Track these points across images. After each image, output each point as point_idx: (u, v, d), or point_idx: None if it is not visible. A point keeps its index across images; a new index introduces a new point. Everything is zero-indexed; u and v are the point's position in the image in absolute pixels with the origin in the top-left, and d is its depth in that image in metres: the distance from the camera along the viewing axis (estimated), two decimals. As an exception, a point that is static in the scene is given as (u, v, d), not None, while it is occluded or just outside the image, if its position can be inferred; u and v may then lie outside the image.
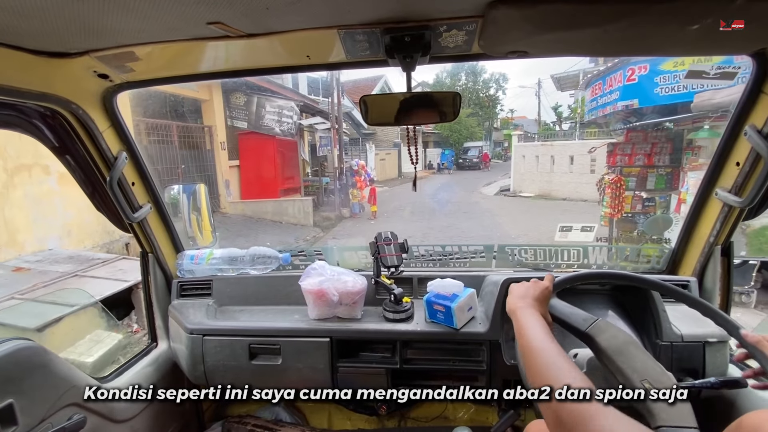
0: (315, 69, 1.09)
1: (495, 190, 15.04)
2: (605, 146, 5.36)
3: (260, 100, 8.96)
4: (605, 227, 5.27)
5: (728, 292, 1.27)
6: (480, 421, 1.66)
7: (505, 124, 31.15)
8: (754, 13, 0.68)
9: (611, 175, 5.19)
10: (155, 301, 1.49)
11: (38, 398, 0.92)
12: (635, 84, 4.58)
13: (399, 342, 1.31)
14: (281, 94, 9.43)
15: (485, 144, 27.27)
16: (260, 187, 9.18)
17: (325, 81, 12.49)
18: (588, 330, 0.84)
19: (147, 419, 1.34)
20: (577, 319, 0.88)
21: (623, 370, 0.78)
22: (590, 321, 0.86)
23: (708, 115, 4.12)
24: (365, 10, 0.74)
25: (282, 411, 1.68)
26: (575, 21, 0.72)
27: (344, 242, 8.06)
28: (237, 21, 0.75)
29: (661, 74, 4.36)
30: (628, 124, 5.09)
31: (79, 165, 1.17)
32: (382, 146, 18.53)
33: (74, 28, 0.74)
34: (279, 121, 9.05)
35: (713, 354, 1.15)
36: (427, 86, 25.97)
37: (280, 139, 9.29)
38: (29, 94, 0.92)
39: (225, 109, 8.76)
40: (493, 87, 31.37)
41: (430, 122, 1.05)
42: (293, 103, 9.28)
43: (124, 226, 1.34)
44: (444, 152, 24.35)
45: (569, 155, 12.43)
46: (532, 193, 13.59)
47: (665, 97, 4.38)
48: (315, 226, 8.81)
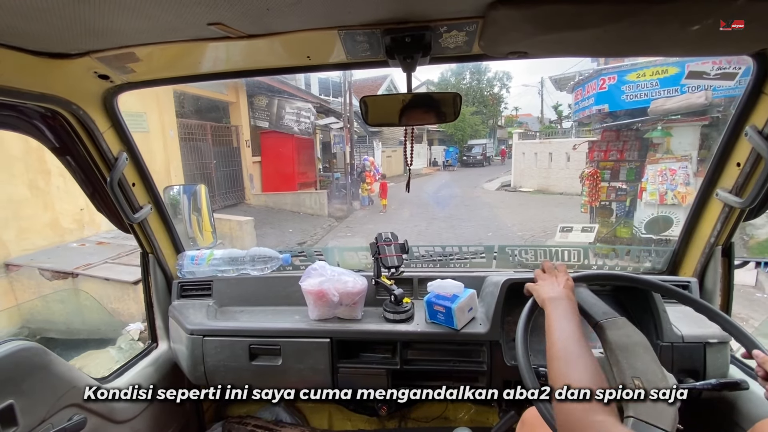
0: (315, 70, 1.09)
1: (496, 185, 15.57)
2: (586, 144, 6.38)
3: (281, 102, 9.85)
4: (585, 214, 6.19)
5: (729, 292, 1.26)
6: (480, 422, 1.66)
7: (510, 121, 31.19)
8: (754, 13, 0.68)
9: (590, 169, 5.95)
10: (156, 302, 1.49)
11: (38, 399, 0.92)
12: (606, 92, 5.53)
13: (399, 342, 1.31)
14: (298, 96, 10.35)
15: (489, 141, 27.46)
16: (280, 181, 10.08)
17: (336, 82, 13.30)
18: (602, 321, 0.85)
19: (147, 420, 1.34)
20: (597, 311, 0.89)
21: (621, 364, 0.78)
22: (610, 315, 0.87)
23: (661, 118, 5.04)
24: (366, 10, 0.74)
25: (282, 411, 1.68)
26: (575, 21, 0.72)
27: (357, 229, 8.87)
28: (237, 22, 0.75)
29: (626, 84, 5.29)
30: (604, 125, 6.01)
31: (80, 166, 1.17)
32: (389, 144, 19.04)
33: (75, 29, 0.74)
34: (297, 121, 10.00)
35: (714, 355, 1.15)
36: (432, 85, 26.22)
37: (298, 137, 10.20)
38: (30, 95, 0.92)
39: (249, 110, 9.66)
40: (497, 85, 31.49)
41: (431, 123, 1.06)
42: (310, 104, 10.34)
43: (124, 227, 1.34)
44: (448, 150, 24.61)
45: (565, 152, 12.81)
46: (531, 188, 14.14)
47: (630, 102, 5.31)
48: (329, 216, 9.66)
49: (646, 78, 5.14)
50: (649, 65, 5.18)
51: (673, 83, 4.91)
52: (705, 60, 4.52)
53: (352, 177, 11.42)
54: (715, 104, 4.64)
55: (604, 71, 5.70)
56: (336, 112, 11.94)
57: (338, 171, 12.37)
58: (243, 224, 6.45)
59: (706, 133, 4.83)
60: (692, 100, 4.63)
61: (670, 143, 5.11)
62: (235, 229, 6.42)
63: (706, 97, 4.51)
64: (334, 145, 12.50)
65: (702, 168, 4.89)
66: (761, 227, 4.76)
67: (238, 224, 6.49)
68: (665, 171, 4.82)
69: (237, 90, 9.04)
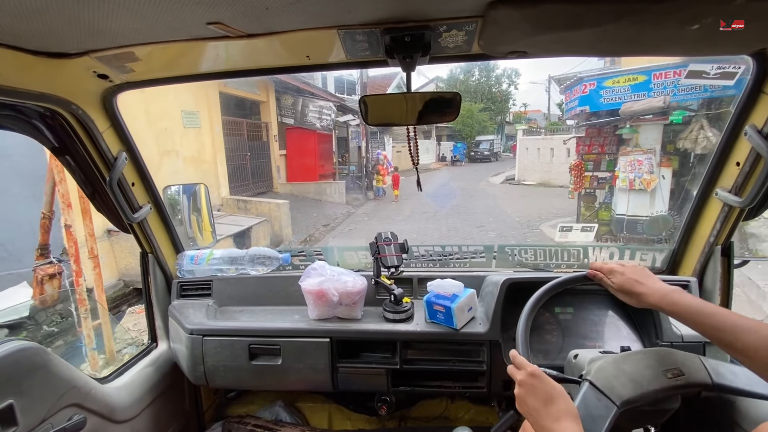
0: (315, 69, 1.09)
1: (501, 179, 16.45)
2: (574, 139, 7.66)
3: (305, 100, 10.97)
4: (572, 200, 7.33)
5: (728, 292, 1.26)
6: (480, 422, 1.66)
7: (518, 118, 31.36)
8: (754, 13, 0.68)
9: (576, 161, 7.13)
10: (155, 302, 1.49)
11: (38, 399, 0.92)
12: (587, 95, 6.62)
13: (399, 342, 1.31)
14: (320, 96, 11.47)
15: (497, 137, 27.84)
16: (303, 172, 11.21)
17: (349, 80, 14.92)
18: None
19: (147, 419, 1.34)
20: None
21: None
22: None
23: (630, 117, 6.04)
24: (365, 10, 0.74)
25: (282, 411, 1.68)
26: (575, 21, 0.72)
27: (372, 215, 9.87)
28: (237, 21, 0.75)
29: (604, 89, 6.33)
30: (587, 123, 7.11)
31: (79, 165, 1.17)
32: (399, 140, 19.75)
33: (74, 28, 0.74)
34: (319, 118, 11.13)
35: (713, 355, 1.15)
36: (441, 81, 26.63)
37: (320, 133, 11.35)
38: (29, 95, 0.91)
39: (277, 108, 10.83)
40: (506, 83, 31.76)
41: (431, 122, 1.05)
42: (331, 103, 11.43)
43: (123, 227, 1.34)
44: (456, 145, 25.12)
45: (567, 148, 13.26)
46: (534, 181, 14.89)
47: (607, 104, 6.38)
48: (347, 204, 10.83)
49: (620, 84, 6.12)
50: (622, 73, 6.13)
51: (642, 89, 5.88)
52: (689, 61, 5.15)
53: (367, 169, 12.62)
54: (672, 107, 5.56)
55: (585, 78, 6.79)
56: (353, 110, 12.66)
57: (352, 165, 13.51)
58: (281, 206, 7.64)
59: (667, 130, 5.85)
60: (653, 103, 5.60)
61: (638, 138, 6.04)
62: (273, 210, 7.59)
63: (664, 101, 5.51)
64: (351, 140, 13.53)
65: (665, 159, 5.74)
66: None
67: (276, 206, 7.63)
68: (634, 162, 5.81)
69: (267, 90, 10.15)
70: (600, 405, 0.77)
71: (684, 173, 5.61)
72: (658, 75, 5.53)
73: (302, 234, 7.85)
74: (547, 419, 0.67)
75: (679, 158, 5.66)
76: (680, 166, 5.67)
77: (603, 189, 6.71)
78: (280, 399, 1.72)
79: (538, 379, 0.73)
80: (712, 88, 5.03)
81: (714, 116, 5.24)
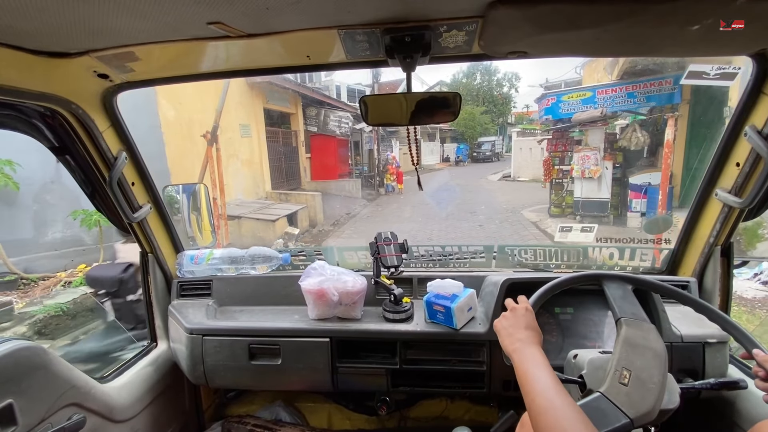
0: (315, 69, 1.09)
1: (498, 177, 17.97)
2: (546, 140, 9.32)
3: (326, 111, 12.97)
4: (545, 189, 9.23)
5: (728, 292, 1.27)
6: (480, 421, 1.66)
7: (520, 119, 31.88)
8: (754, 13, 0.68)
9: (546, 157, 9.07)
10: (155, 301, 1.49)
11: (38, 398, 0.92)
12: (550, 107, 8.50)
13: (399, 342, 1.31)
14: (338, 107, 13.47)
15: (498, 139, 28.68)
16: (325, 172, 12.91)
17: (360, 90, 16.83)
18: (626, 319, 0.88)
19: (147, 419, 1.34)
20: (627, 309, 0.92)
21: (619, 355, 0.81)
22: (639, 318, 0.89)
23: (579, 123, 7.93)
24: (365, 10, 0.74)
25: (282, 411, 1.68)
26: (575, 21, 0.72)
27: (384, 206, 11.53)
28: (237, 21, 0.75)
29: (562, 102, 8.19)
30: (553, 127, 8.87)
31: (79, 165, 1.17)
32: (406, 142, 19.64)
33: (74, 28, 0.74)
34: (339, 126, 13.09)
35: (713, 355, 1.15)
36: (444, 85, 27.40)
37: (339, 138, 13.21)
38: (29, 94, 0.91)
39: (303, 118, 12.78)
40: (506, 85, 32.43)
41: (430, 123, 1.06)
42: (348, 113, 13.44)
43: (123, 226, 1.34)
44: (459, 146, 26.26)
45: (540, 147, 14.63)
46: (527, 177, 16.32)
47: (564, 113, 8.21)
48: (362, 198, 12.50)
49: (573, 99, 7.98)
50: (576, 90, 8.21)
51: (589, 102, 7.69)
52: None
53: (378, 169, 14.56)
54: (608, 116, 7.38)
55: (548, 94, 8.85)
56: (365, 116, 14.69)
57: (363, 166, 15.59)
58: (315, 197, 9.44)
59: (608, 132, 7.57)
60: (593, 113, 7.48)
61: (587, 139, 7.87)
62: (309, 200, 9.35)
63: (602, 111, 7.36)
64: (365, 144, 15.42)
65: (608, 154, 7.45)
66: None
67: (311, 197, 9.46)
68: (584, 156, 7.65)
69: (296, 103, 12.29)
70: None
71: (625, 165, 7.39)
72: (601, 92, 7.50)
73: (330, 220, 9.47)
74: (523, 341, 0.83)
75: (623, 153, 7.42)
76: (623, 160, 7.39)
77: (566, 179, 8.43)
78: (280, 399, 1.72)
79: (530, 314, 0.90)
80: (638, 102, 6.90)
81: (650, 121, 7.01)
